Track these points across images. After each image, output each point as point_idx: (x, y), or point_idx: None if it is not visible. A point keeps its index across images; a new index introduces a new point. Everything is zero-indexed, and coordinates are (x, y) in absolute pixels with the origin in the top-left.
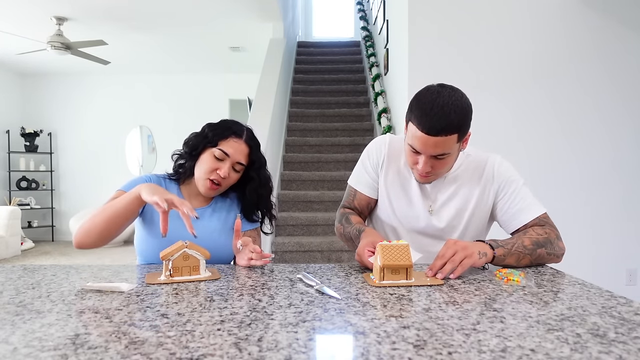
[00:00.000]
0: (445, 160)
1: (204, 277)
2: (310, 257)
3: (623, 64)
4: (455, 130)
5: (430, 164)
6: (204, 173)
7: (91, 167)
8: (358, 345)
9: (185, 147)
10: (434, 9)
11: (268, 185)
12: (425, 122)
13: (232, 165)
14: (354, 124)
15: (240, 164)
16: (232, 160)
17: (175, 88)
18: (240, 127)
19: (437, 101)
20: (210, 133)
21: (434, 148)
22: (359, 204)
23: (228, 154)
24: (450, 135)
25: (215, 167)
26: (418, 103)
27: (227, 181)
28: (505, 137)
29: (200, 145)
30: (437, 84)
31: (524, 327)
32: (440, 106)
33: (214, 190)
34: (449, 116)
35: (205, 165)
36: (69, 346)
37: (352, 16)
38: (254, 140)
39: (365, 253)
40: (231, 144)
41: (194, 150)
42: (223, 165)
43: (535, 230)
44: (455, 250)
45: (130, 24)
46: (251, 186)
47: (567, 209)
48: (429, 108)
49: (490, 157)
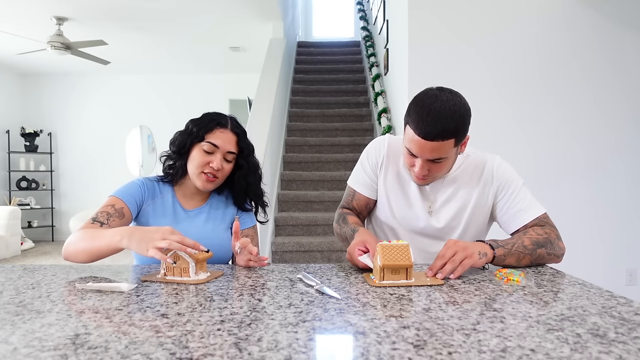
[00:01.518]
0: (442, 164)
1: (192, 280)
2: (310, 257)
3: (627, 64)
4: (452, 135)
5: (427, 168)
6: (196, 168)
7: (91, 167)
8: (358, 345)
9: (172, 146)
10: (434, 9)
11: (257, 172)
12: (421, 126)
13: (223, 156)
14: (354, 124)
15: (231, 152)
16: (222, 150)
17: (175, 88)
18: (224, 117)
19: (435, 105)
20: (195, 128)
21: (430, 152)
22: (357, 205)
23: (217, 146)
24: (446, 140)
25: (207, 161)
26: (416, 107)
27: (222, 172)
28: (506, 137)
29: (187, 142)
30: (436, 88)
31: (524, 327)
32: (437, 111)
33: (211, 183)
34: (445, 122)
35: (196, 160)
36: (69, 346)
37: (352, 16)
38: (240, 127)
39: (355, 252)
40: (218, 135)
41: (182, 149)
42: (214, 157)
43: (535, 230)
44: (456, 251)
45: (130, 24)
46: (240, 174)
47: (568, 209)
48: (426, 113)
49: (489, 157)
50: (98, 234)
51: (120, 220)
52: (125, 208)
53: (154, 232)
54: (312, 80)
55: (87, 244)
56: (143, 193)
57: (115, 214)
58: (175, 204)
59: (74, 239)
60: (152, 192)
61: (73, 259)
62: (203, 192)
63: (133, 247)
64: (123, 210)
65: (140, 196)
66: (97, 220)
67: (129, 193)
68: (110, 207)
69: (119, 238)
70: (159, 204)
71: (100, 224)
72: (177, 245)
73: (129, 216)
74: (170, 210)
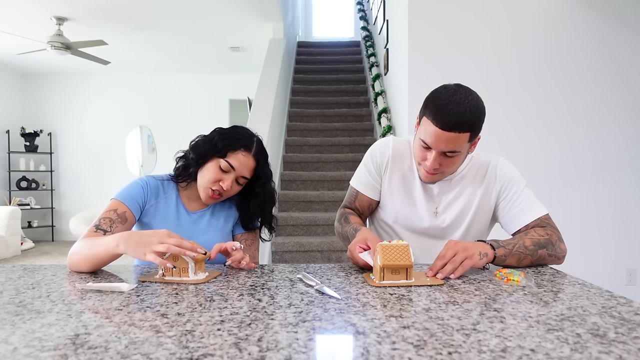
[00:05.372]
0: (454, 158)
1: (192, 279)
2: (310, 257)
3: (619, 63)
4: (469, 128)
5: (439, 161)
6: (207, 182)
7: (91, 167)
8: (358, 345)
9: (193, 152)
10: (434, 8)
11: (272, 200)
12: (440, 117)
13: (235, 178)
14: (354, 124)
15: (244, 177)
16: (237, 173)
17: (175, 88)
18: (250, 140)
19: (454, 98)
20: (220, 143)
21: (446, 144)
22: (360, 205)
23: (234, 168)
24: (463, 133)
25: (218, 178)
26: (434, 99)
27: (229, 193)
28: (506, 137)
29: (208, 154)
30: (454, 84)
31: (524, 327)
32: (457, 103)
33: (214, 200)
34: (464, 114)
35: (209, 174)
36: (69, 346)
37: (352, 16)
38: (263, 153)
39: (356, 249)
40: (239, 157)
41: (200, 159)
42: (227, 177)
43: (536, 231)
44: (456, 251)
45: (130, 24)
46: (256, 201)
47: (567, 209)
48: (445, 104)
49: (492, 158)
50: (96, 242)
51: (123, 226)
52: (128, 212)
53: (150, 236)
54: (312, 80)
55: (87, 253)
56: (146, 194)
57: (117, 219)
58: (179, 205)
59: (76, 249)
60: (156, 192)
61: (77, 269)
62: None
63: (130, 252)
64: (125, 215)
65: (143, 198)
66: (100, 228)
67: (132, 196)
68: (112, 212)
69: (115, 244)
70: (162, 204)
71: (103, 232)
72: (175, 249)
73: (132, 220)
74: (174, 211)
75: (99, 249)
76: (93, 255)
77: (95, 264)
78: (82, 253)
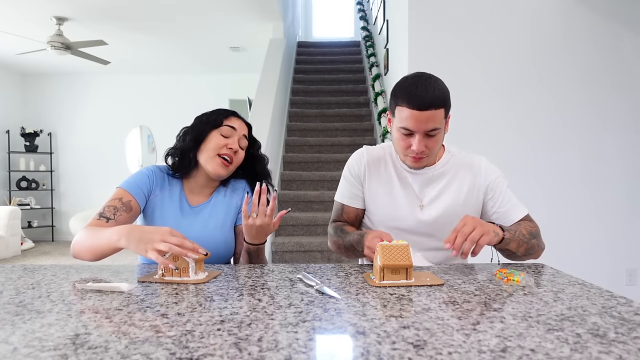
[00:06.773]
0: (437, 137)
1: (191, 279)
2: (310, 257)
3: (619, 63)
4: (442, 104)
5: (424, 143)
6: (213, 151)
7: (91, 167)
8: (358, 345)
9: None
10: (434, 9)
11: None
12: (415, 100)
13: (239, 139)
14: (354, 124)
15: (245, 137)
16: (239, 133)
17: (175, 88)
18: (233, 111)
19: (420, 82)
20: (212, 117)
21: (426, 123)
22: (347, 217)
23: (235, 128)
24: (438, 109)
25: (224, 143)
26: (402, 88)
27: (237, 158)
28: (505, 136)
29: (205, 129)
30: (413, 73)
31: (524, 327)
32: (424, 85)
33: (225, 168)
34: (434, 91)
35: (213, 143)
36: (69, 346)
37: (352, 16)
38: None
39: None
40: (234, 121)
41: (199, 136)
42: (231, 139)
43: (527, 223)
44: (474, 226)
45: (130, 24)
46: (260, 164)
47: (568, 208)
48: (415, 88)
49: (476, 156)
50: (99, 233)
51: (127, 214)
52: (133, 201)
53: (153, 233)
54: (312, 80)
55: (90, 243)
56: (151, 184)
57: (122, 207)
58: (182, 199)
59: (80, 237)
60: (161, 183)
61: (80, 256)
62: (209, 187)
63: (131, 247)
64: (130, 204)
65: (148, 187)
66: (104, 215)
67: (137, 185)
68: (117, 200)
69: (117, 238)
70: (167, 196)
71: (106, 219)
72: (177, 249)
73: (137, 209)
74: (177, 204)
75: (101, 241)
76: (95, 247)
77: (97, 255)
78: (85, 243)
